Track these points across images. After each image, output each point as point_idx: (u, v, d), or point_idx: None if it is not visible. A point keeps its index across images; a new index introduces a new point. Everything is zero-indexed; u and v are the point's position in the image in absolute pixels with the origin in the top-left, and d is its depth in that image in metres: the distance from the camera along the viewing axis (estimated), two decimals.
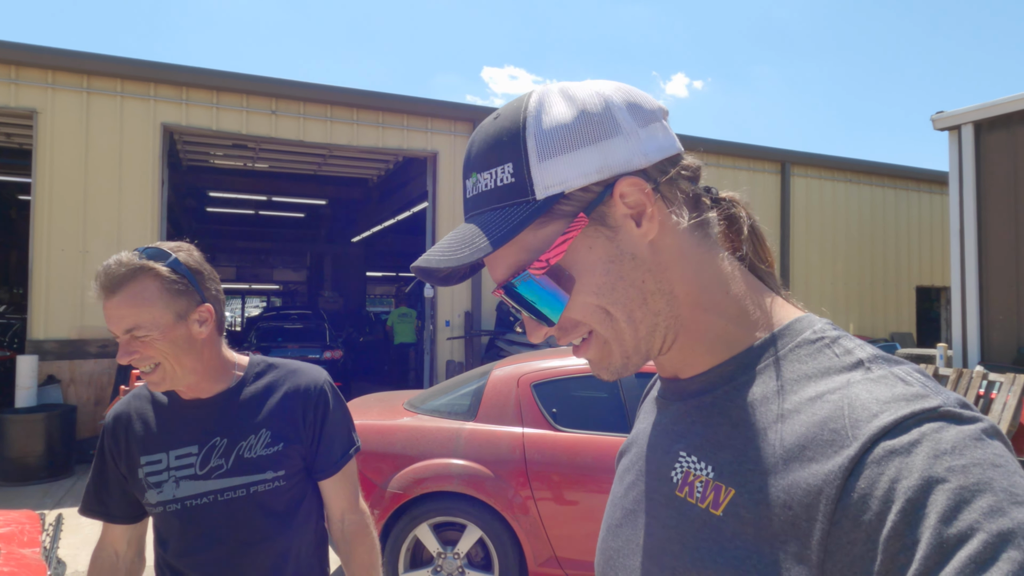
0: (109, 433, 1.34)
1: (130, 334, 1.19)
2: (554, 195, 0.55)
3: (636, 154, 0.56)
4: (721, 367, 0.57)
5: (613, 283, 0.56)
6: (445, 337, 8.70)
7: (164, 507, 1.27)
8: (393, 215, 14.06)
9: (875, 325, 12.03)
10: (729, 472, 0.52)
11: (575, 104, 0.56)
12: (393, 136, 8.67)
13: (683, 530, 0.54)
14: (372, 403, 4.17)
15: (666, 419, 0.62)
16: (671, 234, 0.57)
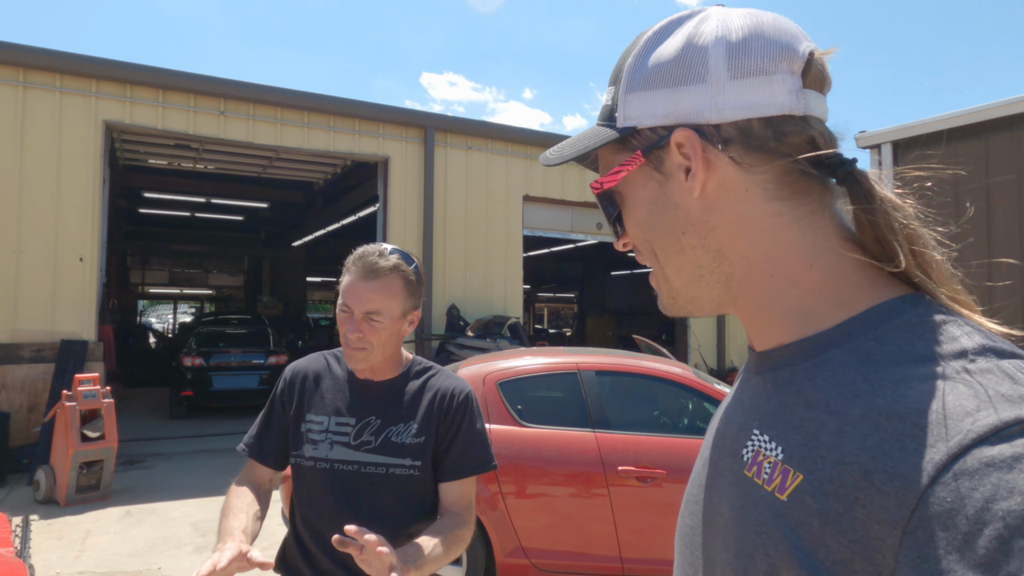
0: (286, 383, 1.53)
1: (368, 316, 1.37)
2: (627, 128, 0.57)
3: (709, 107, 0.54)
4: (802, 342, 0.53)
5: (653, 224, 0.58)
6: None
7: (315, 463, 1.43)
8: (338, 219, 13.93)
9: None
10: (799, 456, 0.48)
11: (684, 41, 0.55)
12: (344, 140, 8.66)
13: (747, 512, 0.51)
14: None
15: (745, 393, 0.60)
16: (733, 196, 0.55)
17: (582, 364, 3.73)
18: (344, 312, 1.40)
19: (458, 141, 9.35)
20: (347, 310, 1.39)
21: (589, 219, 10.77)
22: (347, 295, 1.40)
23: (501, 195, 9.65)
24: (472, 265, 9.35)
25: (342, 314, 1.41)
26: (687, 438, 3.59)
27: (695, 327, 11.31)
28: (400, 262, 1.41)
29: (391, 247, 1.44)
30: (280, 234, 18.74)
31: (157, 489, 6.00)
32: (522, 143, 9.81)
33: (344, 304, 1.40)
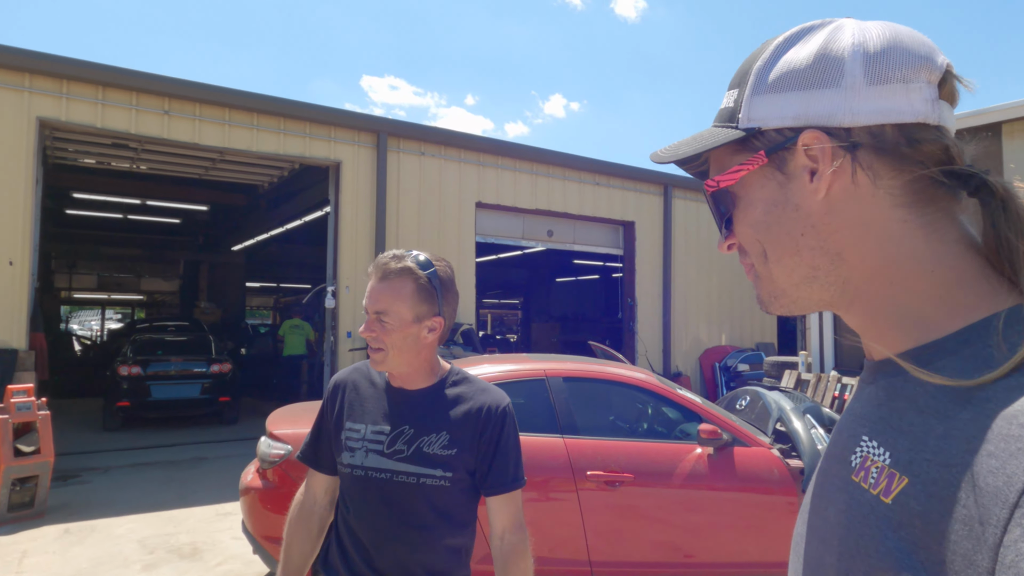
0: (330, 393, 1.59)
1: (378, 316, 1.42)
2: (751, 128, 0.58)
3: (843, 110, 0.54)
4: (917, 350, 0.53)
5: (769, 225, 0.58)
6: (347, 349, 8.58)
7: (352, 470, 1.48)
8: (283, 223, 13.59)
9: (743, 335, 13.19)
10: (905, 460, 0.49)
11: (819, 47, 0.56)
12: (295, 143, 8.48)
13: (852, 515, 0.53)
14: (298, 412, 4.13)
15: (858, 403, 0.60)
16: (858, 200, 0.55)
17: (550, 371, 3.78)
18: (367, 313, 1.45)
19: (411, 147, 9.30)
20: (366, 312, 1.45)
21: (541, 226, 10.88)
22: (366, 296, 1.46)
23: (454, 201, 9.64)
24: None
25: (368, 316, 1.45)
26: (652, 442, 3.68)
27: (642, 334, 11.57)
28: (412, 265, 1.44)
29: (416, 252, 1.48)
30: (220, 238, 18.12)
31: (97, 505, 5.71)
32: (475, 150, 9.83)
33: (364, 306, 1.45)
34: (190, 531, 5.07)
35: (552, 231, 11.01)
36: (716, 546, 3.55)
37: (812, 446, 3.63)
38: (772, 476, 3.59)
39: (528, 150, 10.24)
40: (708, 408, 3.87)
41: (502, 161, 10.13)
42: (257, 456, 3.70)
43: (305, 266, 20.39)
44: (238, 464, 7.20)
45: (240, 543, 4.70)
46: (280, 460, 3.52)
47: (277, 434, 3.63)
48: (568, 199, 10.81)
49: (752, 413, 4.39)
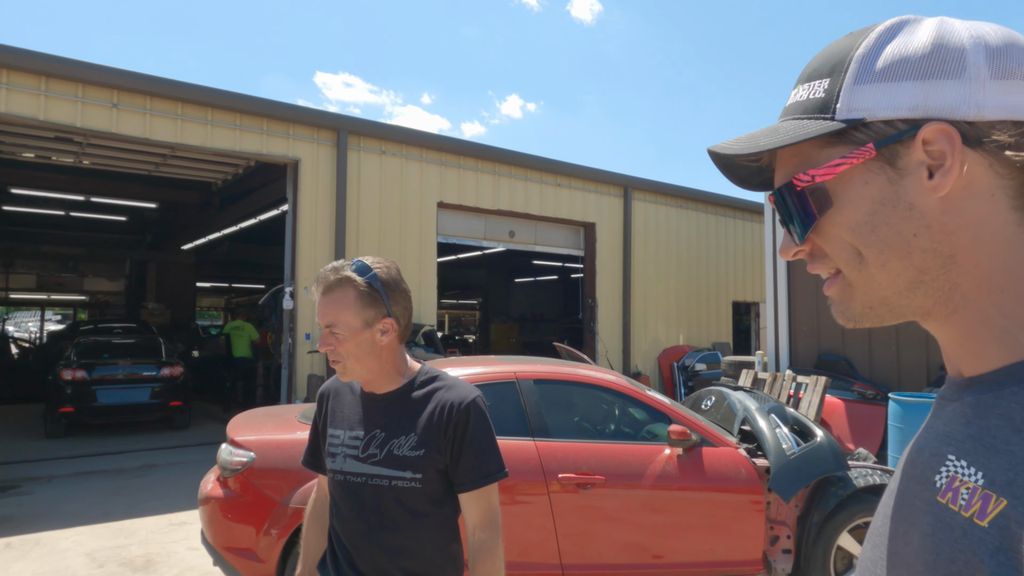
0: (318, 400, 1.66)
1: (329, 329, 1.44)
2: (853, 119, 0.54)
3: (968, 103, 0.51)
4: (1016, 365, 0.51)
5: (876, 226, 0.54)
6: (306, 351, 8.39)
7: (334, 475, 1.52)
8: (236, 222, 13.22)
9: (700, 335, 13.43)
10: (1002, 480, 0.47)
11: (935, 37, 0.53)
12: (251, 140, 8.25)
13: (941, 539, 0.50)
14: (260, 418, 4.00)
15: (940, 421, 0.57)
16: (977, 199, 0.52)
17: (520, 373, 3.75)
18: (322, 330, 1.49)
19: (372, 145, 9.16)
20: (320, 326, 1.48)
21: (502, 227, 10.86)
22: (317, 312, 1.49)
23: (415, 201, 9.53)
24: None
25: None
26: (623, 443, 3.69)
27: (602, 334, 11.66)
28: (350, 274, 1.45)
29: (356, 260, 1.49)
30: (169, 236, 17.53)
31: (40, 517, 5.43)
32: (437, 149, 9.75)
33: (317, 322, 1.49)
34: (142, 542, 4.87)
35: (514, 232, 11.01)
36: (685, 546, 3.58)
37: (777, 445, 3.69)
38: (739, 475, 3.64)
39: (490, 150, 10.20)
40: (677, 409, 3.90)
41: (464, 161, 10.07)
42: (218, 464, 3.57)
43: (260, 266, 19.90)
44: (191, 471, 6.95)
45: (197, 554, 4.53)
46: (242, 468, 3.40)
47: (239, 441, 3.51)
48: (530, 200, 10.82)
49: (718, 413, 4.45)
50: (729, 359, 9.95)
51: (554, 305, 22.01)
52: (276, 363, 9.96)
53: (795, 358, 8.89)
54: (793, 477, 3.56)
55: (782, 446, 3.68)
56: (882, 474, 3.85)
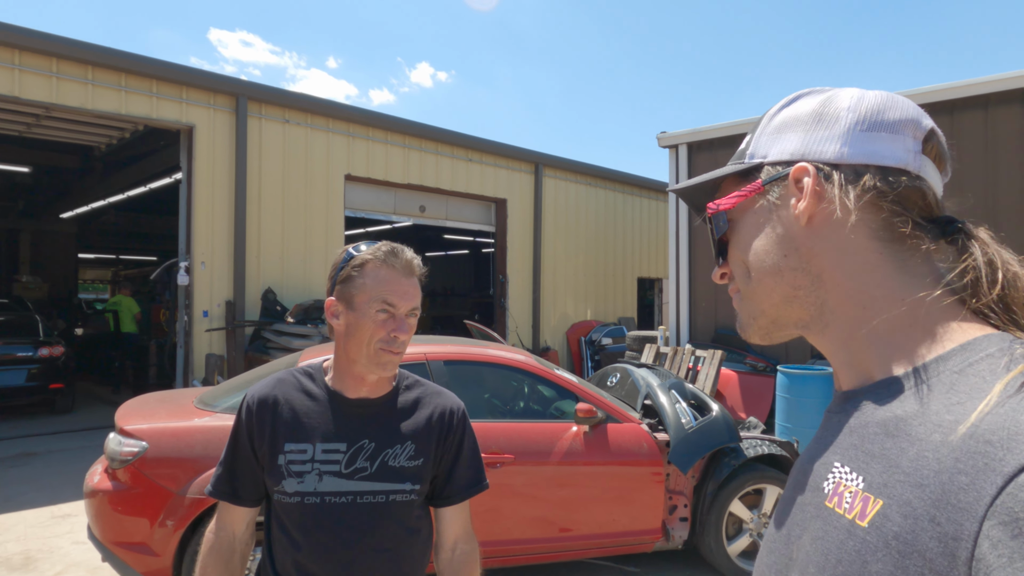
0: (252, 414, 1.34)
1: (412, 312, 1.32)
2: (756, 163, 0.66)
3: (833, 149, 0.61)
4: (890, 380, 0.56)
5: (756, 248, 0.65)
6: (203, 329, 7.97)
7: (303, 498, 1.28)
8: (124, 190, 12.29)
9: (607, 311, 13.84)
10: (879, 483, 0.51)
11: (821, 100, 0.64)
12: (139, 103, 7.64)
13: (829, 542, 0.54)
14: (153, 404, 3.77)
15: (828, 431, 0.62)
16: (839, 229, 0.60)
17: (431, 354, 3.73)
18: (387, 311, 1.29)
19: (274, 113, 8.72)
20: (391, 308, 1.29)
21: (413, 201, 10.68)
22: (392, 292, 1.29)
23: (322, 173, 9.19)
24: (290, 246, 8.82)
25: (382, 314, 1.28)
26: (532, 422, 3.76)
27: (513, 310, 11.78)
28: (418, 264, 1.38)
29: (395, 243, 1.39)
30: (45, 204, 16.07)
31: None
32: (344, 120, 9.41)
33: (389, 303, 1.28)
34: (20, 538, 4.51)
35: (424, 206, 10.86)
36: (590, 518, 3.72)
37: (676, 420, 3.88)
38: (641, 449, 3.81)
39: (401, 123, 9.96)
40: (583, 387, 4.01)
41: (373, 133, 9.78)
42: (106, 454, 3.35)
43: (152, 237, 18.65)
44: (76, 459, 6.50)
45: (84, 549, 4.25)
46: (133, 459, 3.21)
47: (129, 430, 3.30)
48: (441, 175, 10.69)
49: (622, 389, 4.61)
50: (634, 334, 10.32)
51: (465, 280, 22.00)
52: (171, 342, 9.41)
53: (695, 333, 9.34)
54: (691, 450, 3.75)
55: (681, 421, 3.87)
56: (770, 444, 4.13)
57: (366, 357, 1.29)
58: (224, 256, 8.20)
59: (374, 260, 1.30)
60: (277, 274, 8.64)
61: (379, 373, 1.32)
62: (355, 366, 1.33)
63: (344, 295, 1.31)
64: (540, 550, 3.69)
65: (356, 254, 1.32)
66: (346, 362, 1.34)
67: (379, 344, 1.28)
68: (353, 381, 1.35)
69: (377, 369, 1.30)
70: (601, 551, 3.82)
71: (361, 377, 1.34)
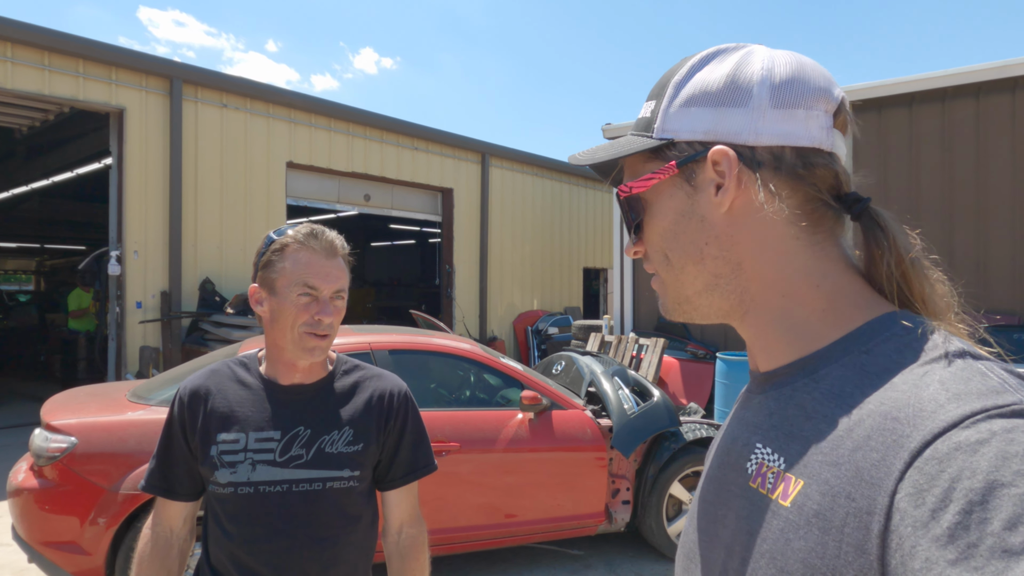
0: (185, 406, 1.32)
1: (337, 295, 1.29)
2: (665, 139, 0.61)
3: (748, 130, 0.58)
4: (803, 360, 0.57)
5: (676, 234, 0.61)
6: (137, 320, 7.67)
7: (236, 489, 1.26)
8: (48, 175, 11.66)
9: (553, 300, 13.97)
10: (800, 463, 0.52)
11: (730, 70, 0.59)
12: (64, 83, 7.25)
13: (753, 521, 0.55)
14: (82, 398, 3.62)
15: (748, 412, 0.63)
16: (757, 214, 0.58)
17: (375, 344, 3.70)
18: (309, 295, 1.26)
19: (211, 97, 8.41)
20: (313, 291, 1.26)
21: (357, 190, 10.50)
22: (314, 274, 1.26)
23: (262, 160, 8.93)
24: (229, 236, 8.56)
25: (304, 298, 1.25)
26: (478, 410, 3.78)
27: (460, 300, 11.76)
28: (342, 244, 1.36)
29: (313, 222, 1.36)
30: None
31: None
32: (286, 105, 9.16)
33: (310, 285, 1.25)
34: None
35: (369, 195, 10.70)
36: (536, 504, 3.77)
37: (619, 405, 3.97)
38: (585, 435, 3.88)
39: (344, 110, 9.77)
40: (529, 375, 4.05)
41: (316, 119, 9.56)
42: (31, 451, 3.20)
43: (80, 225, 17.76)
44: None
45: (9, 550, 4.06)
46: (61, 455, 3.08)
47: (56, 425, 3.16)
48: (386, 163, 10.54)
49: (567, 377, 4.69)
50: (579, 323, 10.46)
51: (412, 270, 21.80)
52: (102, 334, 9.02)
53: (638, 321, 9.54)
54: (633, 435, 3.85)
55: (624, 406, 3.96)
56: (708, 427, 4.28)
57: (292, 342, 1.28)
58: (159, 245, 7.90)
59: (294, 243, 1.28)
60: (216, 264, 8.38)
61: (307, 359, 1.30)
62: (284, 353, 1.31)
63: (266, 281, 1.29)
64: (486, 536, 3.72)
65: (276, 238, 1.30)
66: (275, 349, 1.32)
67: (303, 328, 1.26)
68: (285, 368, 1.33)
69: (305, 355, 1.29)
70: (546, 536, 3.88)
71: (292, 363, 1.32)
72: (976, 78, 6.95)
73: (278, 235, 1.31)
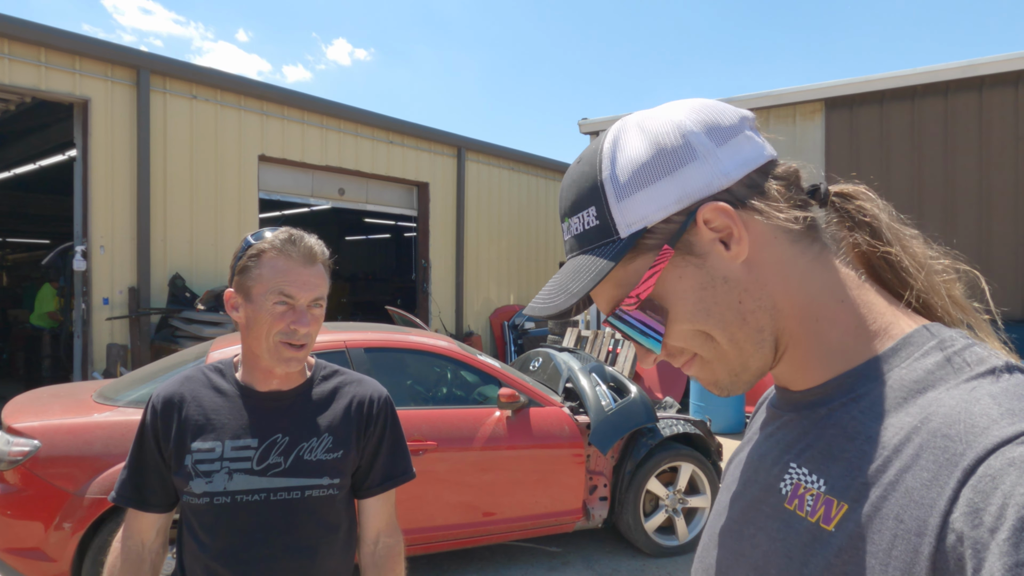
0: (158, 415, 1.28)
1: (315, 303, 1.24)
2: (637, 231, 0.56)
3: (715, 176, 0.56)
4: (839, 379, 0.55)
5: (708, 308, 0.57)
6: (104, 317, 7.49)
7: (212, 499, 1.23)
8: (9, 167, 11.31)
9: (530, 294, 13.97)
10: (842, 486, 0.51)
11: (648, 138, 0.57)
12: (25, 72, 7.02)
13: (791, 544, 0.53)
14: (46, 399, 3.51)
15: (777, 429, 0.61)
16: (768, 247, 0.57)
17: (351, 341, 3.65)
18: (285, 303, 1.21)
19: (180, 88, 8.22)
20: (290, 300, 1.21)
21: (331, 184, 10.36)
22: (290, 283, 1.22)
23: (233, 153, 8.76)
24: (200, 230, 8.39)
25: (280, 306, 1.21)
26: (455, 408, 3.75)
27: (436, 295, 11.70)
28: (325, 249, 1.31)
29: (304, 233, 1.30)
30: None
31: None
32: (258, 98, 8.98)
33: (286, 294, 1.21)
34: None
35: (343, 189, 10.57)
36: (514, 501, 3.76)
37: (597, 402, 3.97)
38: (563, 432, 3.87)
39: (318, 102, 9.62)
40: (506, 372, 4.03)
41: (289, 112, 9.40)
42: None
43: (44, 219, 17.27)
44: None
45: None
46: (24, 459, 2.98)
47: (19, 428, 3.06)
48: (361, 157, 10.41)
49: (544, 373, 4.68)
50: None
51: (387, 264, 21.64)
52: (67, 331, 8.79)
53: None
54: (610, 431, 3.85)
55: (601, 403, 3.96)
56: (684, 423, 4.30)
57: (267, 351, 1.24)
58: (126, 240, 7.71)
59: (271, 249, 1.24)
60: (185, 259, 8.21)
61: (283, 369, 1.27)
62: (260, 360, 1.28)
63: (242, 286, 1.25)
64: (464, 535, 3.70)
65: (253, 242, 1.26)
66: (251, 356, 1.29)
67: (278, 337, 1.22)
68: (262, 374, 1.30)
69: (280, 365, 1.25)
70: (524, 533, 3.87)
71: (269, 370, 1.29)
72: (944, 76, 7.08)
73: (256, 239, 1.26)
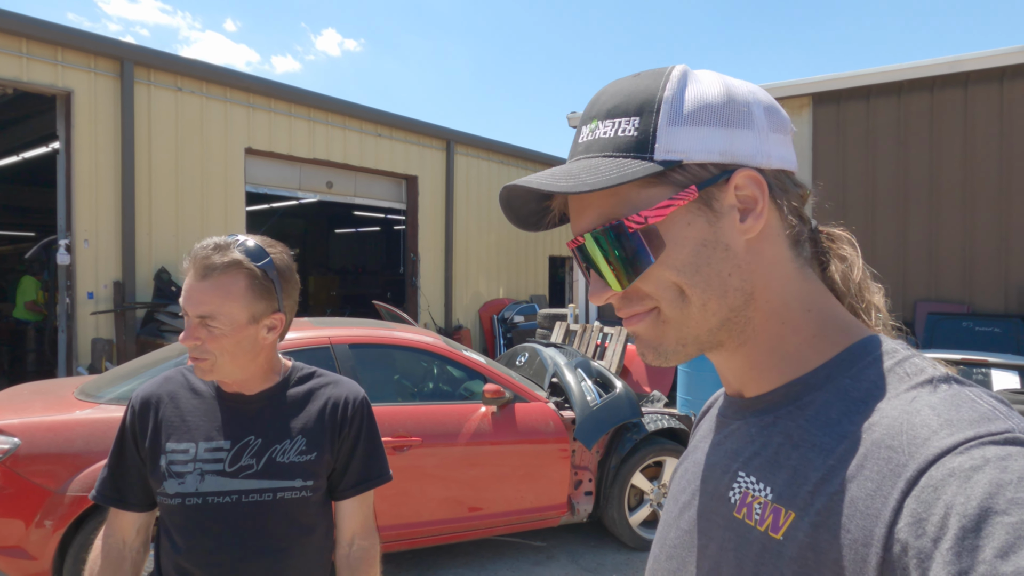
0: (136, 414, 1.30)
1: (203, 320, 1.19)
2: (672, 160, 0.53)
3: (761, 153, 0.55)
4: (787, 387, 0.56)
5: (699, 266, 0.54)
6: (88, 311, 7.42)
7: (183, 500, 1.23)
8: None
9: (519, 288, 13.98)
10: (788, 494, 0.51)
11: (725, 87, 0.56)
12: (6, 63, 6.92)
13: (741, 553, 0.53)
14: (27, 396, 3.49)
15: (725, 438, 0.61)
16: (770, 240, 0.56)
17: (335, 338, 3.64)
18: (183, 316, 1.22)
19: (165, 80, 8.13)
20: (184, 314, 1.21)
21: (319, 177, 10.30)
22: (184, 297, 1.21)
23: (219, 146, 8.68)
24: (186, 224, 8.32)
25: (186, 319, 1.21)
26: (440, 404, 3.76)
27: (425, 288, 11.68)
28: (242, 257, 1.20)
29: (243, 240, 1.23)
30: None
31: None
32: (244, 90, 8.91)
33: (184, 308, 1.21)
34: None
35: (332, 183, 10.51)
36: (499, 497, 3.77)
37: (582, 397, 3.98)
38: (548, 428, 3.89)
39: (306, 95, 9.55)
40: (492, 368, 4.03)
41: (276, 104, 9.33)
42: None
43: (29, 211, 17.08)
44: None
45: None
46: (4, 456, 2.96)
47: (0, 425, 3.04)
48: (349, 150, 10.36)
49: (530, 369, 4.68)
50: (545, 312, 10.49)
51: (376, 257, 21.56)
52: (51, 325, 8.72)
53: (603, 310, 9.59)
54: (595, 426, 3.87)
55: (586, 398, 3.97)
56: (669, 418, 4.32)
57: None
58: (111, 233, 7.63)
59: (188, 258, 1.23)
60: (171, 252, 8.15)
61: (199, 377, 1.27)
62: None
63: None
64: (450, 530, 3.71)
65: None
66: None
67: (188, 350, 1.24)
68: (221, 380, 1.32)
69: (196, 373, 1.26)
70: (509, 528, 3.89)
71: None
72: (930, 72, 7.12)
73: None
